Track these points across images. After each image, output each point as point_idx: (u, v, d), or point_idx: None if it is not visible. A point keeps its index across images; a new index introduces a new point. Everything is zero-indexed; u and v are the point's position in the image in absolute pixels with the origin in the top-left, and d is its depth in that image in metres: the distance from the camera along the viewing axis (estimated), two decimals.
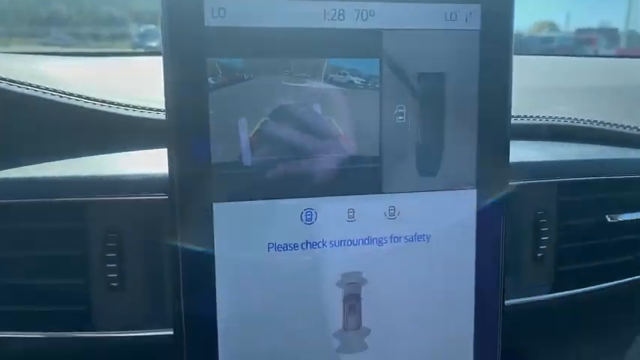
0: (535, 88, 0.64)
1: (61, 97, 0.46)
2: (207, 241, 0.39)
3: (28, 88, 0.46)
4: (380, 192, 0.41)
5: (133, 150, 0.45)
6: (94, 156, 0.44)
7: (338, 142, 0.40)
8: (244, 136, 0.38)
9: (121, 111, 0.47)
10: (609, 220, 0.50)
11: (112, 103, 0.47)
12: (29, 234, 0.41)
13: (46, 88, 0.45)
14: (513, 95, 0.42)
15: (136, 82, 0.58)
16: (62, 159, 0.42)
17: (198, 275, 0.39)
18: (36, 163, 0.42)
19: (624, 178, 0.51)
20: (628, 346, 0.51)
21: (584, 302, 0.50)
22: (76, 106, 0.46)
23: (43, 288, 0.41)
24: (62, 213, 0.41)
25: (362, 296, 0.42)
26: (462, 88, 0.41)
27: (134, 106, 0.48)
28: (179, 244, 0.38)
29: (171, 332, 0.40)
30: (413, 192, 0.41)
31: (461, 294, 0.43)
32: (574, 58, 0.96)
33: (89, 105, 0.46)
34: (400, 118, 0.41)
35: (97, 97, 0.47)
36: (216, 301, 0.39)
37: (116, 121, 0.47)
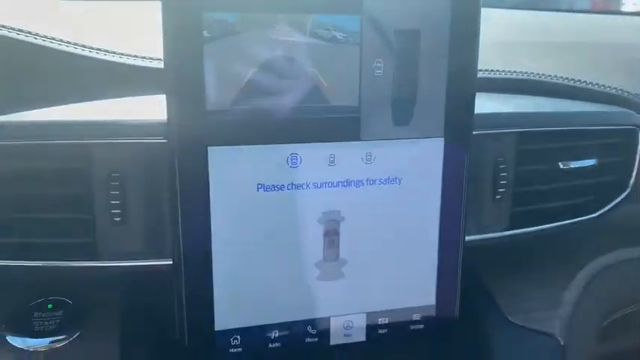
0: (502, 41, 0.67)
1: (59, 44, 0.48)
2: (203, 181, 0.42)
3: (27, 36, 0.48)
4: (358, 139, 0.45)
5: (132, 96, 0.48)
6: (96, 101, 0.47)
7: (321, 92, 0.44)
8: (236, 86, 0.42)
9: (123, 60, 0.50)
10: (561, 166, 0.55)
11: (114, 52, 0.50)
12: (39, 173, 0.43)
13: (45, 36, 0.47)
14: (479, 49, 0.45)
15: (135, 28, 0.60)
16: (64, 104, 0.45)
17: (194, 211, 0.43)
18: (40, 108, 0.45)
19: (577, 129, 0.55)
20: (572, 276, 0.57)
21: (536, 239, 0.55)
22: (75, 54, 0.48)
23: (52, 222, 0.44)
24: (69, 154, 0.43)
25: (340, 231, 0.47)
26: (434, 45, 0.45)
27: (134, 56, 0.50)
28: (177, 183, 0.42)
29: (170, 262, 0.45)
30: (387, 140, 0.46)
31: (427, 230, 0.48)
32: (545, 12, 0.98)
33: (88, 53, 0.49)
34: (378, 71, 0.44)
35: (96, 46, 0.49)
36: (211, 233, 0.43)
37: (116, 69, 0.50)
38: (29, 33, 0.47)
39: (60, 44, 0.47)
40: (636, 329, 0.70)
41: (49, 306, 0.48)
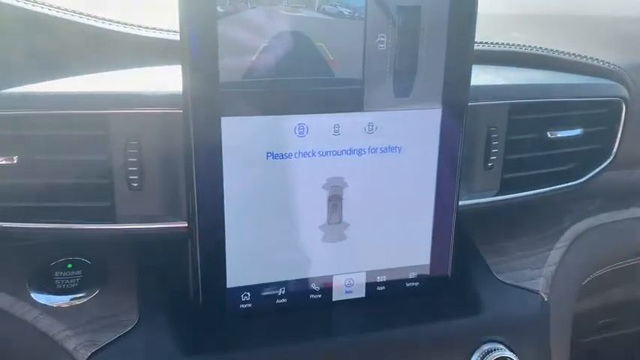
0: (491, 14, 0.69)
1: (72, 15, 0.50)
2: (216, 149, 0.45)
3: (42, 7, 0.49)
4: (361, 110, 0.48)
5: (147, 67, 0.50)
6: (111, 72, 0.49)
7: (327, 65, 0.46)
8: (248, 59, 0.44)
9: (135, 31, 0.51)
10: (549, 136, 0.58)
11: (132, 24, 0.51)
12: (61, 141, 0.45)
13: (62, 8, 0.49)
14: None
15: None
16: (85, 75, 0.47)
17: (208, 177, 0.45)
18: (58, 78, 0.46)
19: (564, 101, 0.58)
20: (557, 238, 0.61)
21: (525, 203, 0.58)
22: (91, 26, 0.50)
23: (73, 187, 0.47)
24: (89, 123, 0.45)
25: (343, 197, 0.50)
26: (435, 20, 0.47)
27: (147, 27, 0.52)
28: (192, 151, 0.44)
29: (185, 224, 0.48)
30: (389, 110, 0.48)
31: (423, 195, 0.51)
32: None
33: (108, 26, 0.50)
34: (381, 46, 0.47)
35: (110, 18, 0.51)
36: (224, 198, 0.46)
37: (131, 40, 0.51)
38: (43, 4, 0.48)
39: (78, 16, 0.49)
40: (612, 287, 0.75)
41: (69, 266, 0.51)
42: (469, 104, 0.50)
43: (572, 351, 0.61)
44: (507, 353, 0.51)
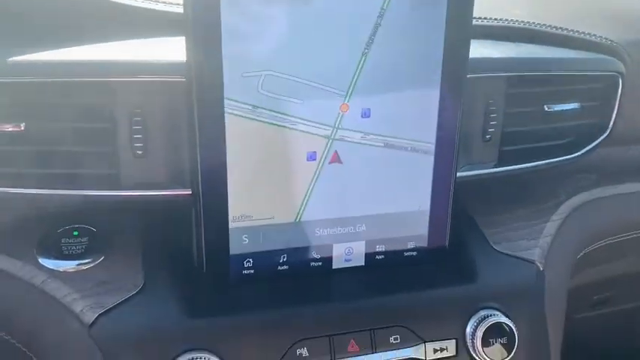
0: None
1: None
2: (219, 117, 0.45)
3: None
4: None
5: (149, 38, 0.51)
6: (116, 42, 0.49)
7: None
8: (251, 29, 0.45)
9: (145, 4, 0.52)
10: (546, 109, 0.59)
11: None
12: (66, 108, 0.46)
13: None
14: None
15: None
16: (90, 44, 0.48)
17: (212, 144, 0.46)
18: (62, 48, 0.47)
19: (562, 75, 0.58)
20: (553, 211, 0.62)
21: (522, 176, 0.60)
22: None
23: (78, 154, 0.48)
24: (95, 91, 0.46)
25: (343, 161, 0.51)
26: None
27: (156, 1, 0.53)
28: (196, 119, 0.45)
29: (189, 192, 0.49)
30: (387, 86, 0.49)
31: (423, 167, 0.53)
32: None
33: None
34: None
35: None
36: (227, 165, 0.47)
37: (134, 12, 0.52)
38: None
39: None
40: (606, 262, 0.76)
41: (75, 233, 0.52)
42: (468, 76, 0.51)
43: (566, 326, 0.62)
44: (503, 319, 0.52)
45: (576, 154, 0.62)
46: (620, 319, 0.94)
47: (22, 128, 0.46)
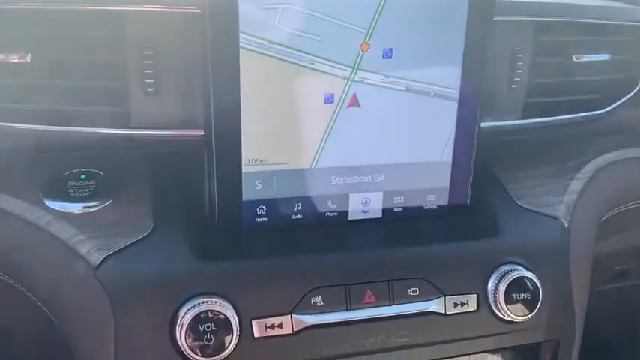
0: None
1: None
2: (234, 53, 0.43)
3: None
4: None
5: None
6: None
7: None
8: None
9: None
10: (575, 59, 0.56)
11: None
12: (75, 39, 0.44)
13: None
14: None
15: None
16: None
17: (226, 82, 0.44)
18: None
19: (592, 22, 0.56)
20: (579, 169, 0.59)
21: (547, 131, 0.57)
22: None
23: (87, 90, 0.46)
24: (102, 21, 0.44)
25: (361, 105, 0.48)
26: None
27: None
28: (210, 54, 0.43)
29: (202, 132, 0.47)
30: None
31: (445, 116, 0.50)
32: None
33: None
34: None
35: None
36: (241, 105, 0.45)
37: None
38: None
39: None
40: (631, 229, 0.73)
41: (82, 176, 0.50)
42: (494, 19, 0.49)
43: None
44: (527, 273, 0.50)
45: (603, 110, 0.60)
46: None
47: (28, 59, 0.44)
